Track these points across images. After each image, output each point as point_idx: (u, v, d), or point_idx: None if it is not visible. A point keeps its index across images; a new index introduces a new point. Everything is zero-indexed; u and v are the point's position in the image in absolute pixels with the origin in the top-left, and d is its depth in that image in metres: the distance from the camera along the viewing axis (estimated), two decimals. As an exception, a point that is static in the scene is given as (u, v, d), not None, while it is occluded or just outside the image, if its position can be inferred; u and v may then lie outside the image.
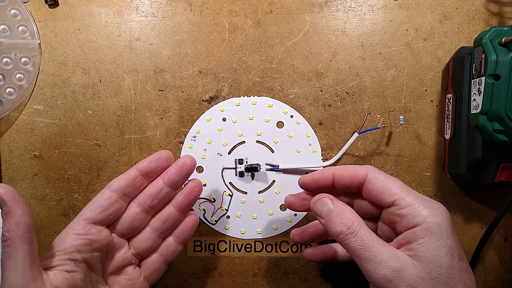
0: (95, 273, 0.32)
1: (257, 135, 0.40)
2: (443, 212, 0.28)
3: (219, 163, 0.40)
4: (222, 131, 0.40)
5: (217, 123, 0.40)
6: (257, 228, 0.40)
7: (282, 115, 0.40)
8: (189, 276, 0.41)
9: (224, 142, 0.40)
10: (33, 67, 0.41)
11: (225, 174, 0.40)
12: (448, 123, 0.38)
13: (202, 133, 0.40)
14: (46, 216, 0.41)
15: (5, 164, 0.41)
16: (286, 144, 0.40)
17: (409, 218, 0.27)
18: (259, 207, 0.40)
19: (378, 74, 0.40)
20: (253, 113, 0.40)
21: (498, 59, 0.32)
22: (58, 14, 0.41)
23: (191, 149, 0.40)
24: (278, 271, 0.41)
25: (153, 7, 0.41)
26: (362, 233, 0.27)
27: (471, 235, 0.40)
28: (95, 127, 0.41)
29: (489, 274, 0.40)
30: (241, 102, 0.40)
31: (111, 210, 0.33)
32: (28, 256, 0.27)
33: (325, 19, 0.40)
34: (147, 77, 0.41)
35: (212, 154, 0.40)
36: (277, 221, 0.40)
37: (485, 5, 0.40)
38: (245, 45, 0.41)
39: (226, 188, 0.40)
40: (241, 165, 0.40)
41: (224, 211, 0.40)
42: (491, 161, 0.35)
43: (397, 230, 0.29)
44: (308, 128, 0.40)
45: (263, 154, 0.40)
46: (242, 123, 0.40)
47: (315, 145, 0.40)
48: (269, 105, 0.40)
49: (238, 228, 0.40)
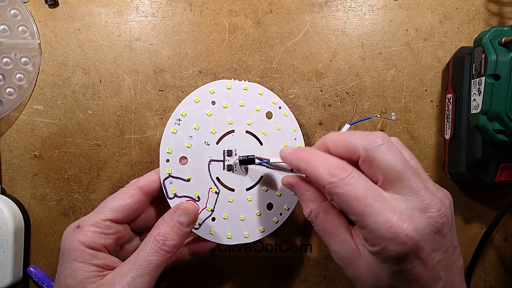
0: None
1: (247, 125, 0.36)
2: (400, 241, 0.24)
3: (206, 154, 0.35)
4: (211, 116, 0.35)
5: (205, 106, 0.35)
6: (244, 231, 0.35)
7: (271, 105, 0.37)
8: (189, 276, 0.41)
9: (213, 129, 0.35)
10: (33, 67, 0.41)
11: (212, 167, 0.35)
12: (448, 123, 0.38)
13: (188, 117, 0.34)
14: (46, 216, 0.41)
15: (5, 164, 0.41)
16: (275, 136, 0.37)
17: (365, 234, 0.26)
18: (247, 206, 0.35)
19: (378, 74, 0.40)
20: (244, 100, 0.36)
21: (498, 59, 0.32)
22: (58, 14, 0.41)
23: (174, 135, 0.34)
24: (278, 271, 0.41)
25: (153, 7, 0.41)
26: (319, 221, 0.29)
27: (471, 235, 0.40)
28: (95, 127, 0.41)
29: (489, 274, 0.40)
30: (232, 86, 0.36)
31: (138, 213, 0.33)
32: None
33: (325, 19, 0.40)
34: (147, 77, 0.41)
35: (199, 143, 0.34)
36: (264, 222, 0.36)
37: (485, 5, 0.40)
38: (245, 45, 0.41)
39: (212, 184, 0.35)
40: (230, 158, 0.35)
41: (209, 212, 0.34)
42: (491, 161, 0.35)
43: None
44: (294, 122, 0.37)
45: (252, 146, 0.36)
46: (232, 109, 0.35)
47: (300, 139, 0.37)
48: (260, 92, 0.36)
49: (224, 232, 0.35)
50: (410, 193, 0.26)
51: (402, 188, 0.26)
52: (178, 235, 0.30)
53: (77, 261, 0.29)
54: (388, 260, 0.25)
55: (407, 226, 0.24)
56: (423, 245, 0.24)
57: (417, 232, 0.24)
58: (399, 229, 0.24)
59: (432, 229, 0.25)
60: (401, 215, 0.25)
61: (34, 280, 0.41)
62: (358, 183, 0.26)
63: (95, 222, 0.31)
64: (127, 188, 0.33)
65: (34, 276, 0.41)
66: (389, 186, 0.26)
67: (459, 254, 0.27)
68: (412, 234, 0.24)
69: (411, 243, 0.24)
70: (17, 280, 0.40)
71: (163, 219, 0.31)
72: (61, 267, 0.30)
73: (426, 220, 0.25)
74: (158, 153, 0.34)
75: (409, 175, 0.26)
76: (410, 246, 0.24)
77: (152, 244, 0.29)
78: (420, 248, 0.24)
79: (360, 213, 0.25)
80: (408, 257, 0.24)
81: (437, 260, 0.25)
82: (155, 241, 0.30)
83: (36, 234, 0.41)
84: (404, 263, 0.25)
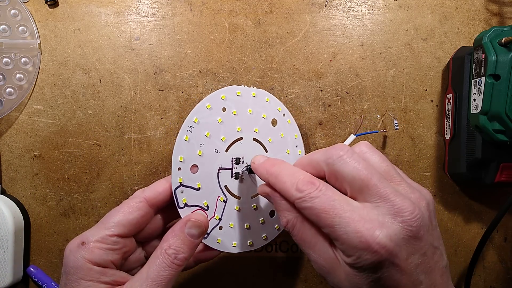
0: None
1: (255, 132, 0.36)
2: (373, 250, 0.24)
3: (216, 162, 0.34)
4: (221, 124, 0.34)
5: (217, 113, 0.34)
6: (249, 239, 0.36)
7: (276, 112, 0.37)
8: (189, 276, 0.41)
9: (223, 137, 0.34)
10: (33, 67, 0.41)
11: (220, 175, 0.35)
12: (448, 123, 0.38)
13: (201, 123, 0.34)
14: (46, 216, 0.41)
15: (5, 164, 0.41)
16: (279, 144, 0.37)
17: (338, 245, 0.26)
18: (252, 214, 0.36)
19: (378, 74, 0.40)
20: (252, 107, 0.36)
21: (498, 59, 0.32)
22: (58, 14, 0.41)
23: (187, 142, 0.33)
24: (278, 271, 0.41)
25: (153, 7, 0.41)
26: (296, 231, 0.28)
27: (471, 235, 0.40)
28: (95, 127, 0.41)
29: (489, 274, 0.40)
30: (242, 92, 0.35)
31: (144, 225, 0.32)
32: None
33: (325, 19, 0.40)
34: (147, 77, 0.41)
35: (210, 151, 0.34)
36: (267, 229, 0.36)
37: (485, 5, 0.40)
38: (245, 45, 0.41)
39: (220, 193, 0.34)
40: (238, 165, 0.35)
41: (217, 221, 0.34)
42: (491, 161, 0.35)
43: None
44: (296, 129, 0.38)
45: (259, 153, 0.36)
46: (241, 117, 0.35)
47: (301, 147, 0.38)
48: (267, 99, 0.37)
49: (230, 241, 0.35)
50: (379, 199, 0.25)
51: (370, 195, 0.25)
52: (189, 248, 0.30)
53: (85, 279, 0.28)
54: (364, 269, 0.24)
55: (378, 233, 0.24)
56: (398, 251, 0.24)
57: (390, 239, 0.24)
58: (370, 237, 0.24)
59: (406, 233, 0.24)
60: (371, 223, 0.24)
61: (34, 280, 0.41)
62: (325, 195, 0.26)
63: (101, 238, 0.29)
64: (132, 201, 0.31)
65: (34, 276, 0.41)
66: (358, 195, 0.26)
67: (442, 254, 0.26)
68: (384, 242, 0.23)
69: (384, 251, 0.23)
70: (17, 280, 0.40)
71: (173, 231, 0.30)
72: (67, 286, 0.28)
73: (399, 225, 0.24)
74: (158, 153, 0.34)
75: (375, 181, 0.25)
76: (384, 254, 0.23)
77: (164, 258, 0.29)
78: (395, 255, 0.24)
79: (330, 224, 0.25)
80: (384, 265, 0.24)
81: (415, 264, 0.25)
82: (166, 255, 0.29)
83: (36, 234, 0.41)
84: (381, 271, 0.24)
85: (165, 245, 0.29)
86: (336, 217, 0.25)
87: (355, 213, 0.25)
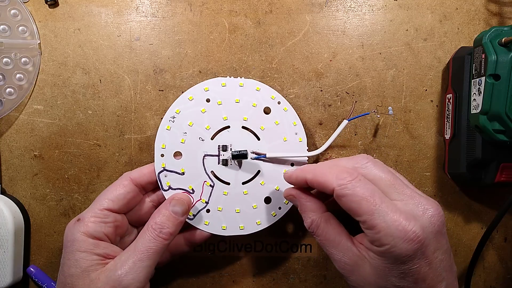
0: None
1: (243, 120, 0.37)
2: (409, 239, 0.25)
3: (200, 149, 0.36)
4: (205, 113, 0.36)
5: (200, 103, 0.36)
6: (240, 223, 0.37)
7: (269, 100, 0.37)
8: (189, 276, 0.41)
9: (207, 125, 0.36)
10: (33, 67, 0.41)
11: (206, 161, 0.36)
12: (448, 123, 0.38)
13: (182, 114, 0.36)
14: (46, 216, 0.41)
15: (5, 164, 0.41)
16: (273, 131, 0.37)
17: (372, 235, 0.27)
18: (243, 199, 0.37)
19: (378, 74, 0.40)
20: (240, 96, 0.37)
21: (498, 59, 0.32)
22: (58, 14, 0.41)
23: (168, 131, 0.36)
24: (278, 271, 0.41)
25: (153, 7, 0.41)
26: (320, 231, 0.30)
27: (471, 235, 0.40)
28: (95, 127, 0.41)
29: (489, 274, 0.40)
30: (227, 83, 0.37)
31: (132, 203, 0.35)
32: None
33: (325, 19, 0.40)
34: (147, 77, 0.41)
35: (193, 139, 0.36)
36: (261, 215, 0.37)
37: (485, 5, 0.40)
38: (245, 45, 0.41)
39: (207, 178, 0.36)
40: (225, 152, 0.36)
41: (204, 204, 0.36)
42: (491, 161, 0.35)
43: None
44: (295, 116, 0.38)
45: (249, 141, 0.37)
46: (227, 106, 0.36)
47: (301, 134, 0.38)
48: (257, 88, 0.37)
49: (219, 224, 0.37)
50: (406, 198, 0.28)
51: (398, 194, 0.28)
52: (174, 224, 0.32)
53: (80, 251, 0.31)
54: (396, 259, 0.26)
55: (413, 224, 0.25)
56: (428, 243, 0.26)
57: (423, 230, 0.26)
58: (408, 226, 0.25)
59: (434, 228, 0.26)
60: (406, 215, 0.26)
61: (34, 280, 0.41)
62: (366, 184, 0.27)
63: (93, 213, 0.33)
64: (119, 180, 0.35)
65: (34, 276, 0.41)
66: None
67: (453, 260, 0.29)
68: (419, 232, 0.25)
69: (418, 240, 0.25)
70: (17, 280, 0.40)
71: (159, 209, 0.33)
72: (64, 258, 0.32)
73: (428, 219, 0.26)
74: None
75: (399, 183, 0.29)
76: (417, 243, 0.25)
77: (150, 232, 0.31)
78: (426, 246, 0.26)
79: (370, 212, 0.26)
80: (416, 256, 0.25)
81: (439, 260, 0.27)
82: (152, 229, 0.32)
83: (36, 234, 0.41)
84: (412, 262, 0.26)
85: (151, 222, 0.32)
86: (376, 205, 0.26)
87: (392, 205, 0.27)
